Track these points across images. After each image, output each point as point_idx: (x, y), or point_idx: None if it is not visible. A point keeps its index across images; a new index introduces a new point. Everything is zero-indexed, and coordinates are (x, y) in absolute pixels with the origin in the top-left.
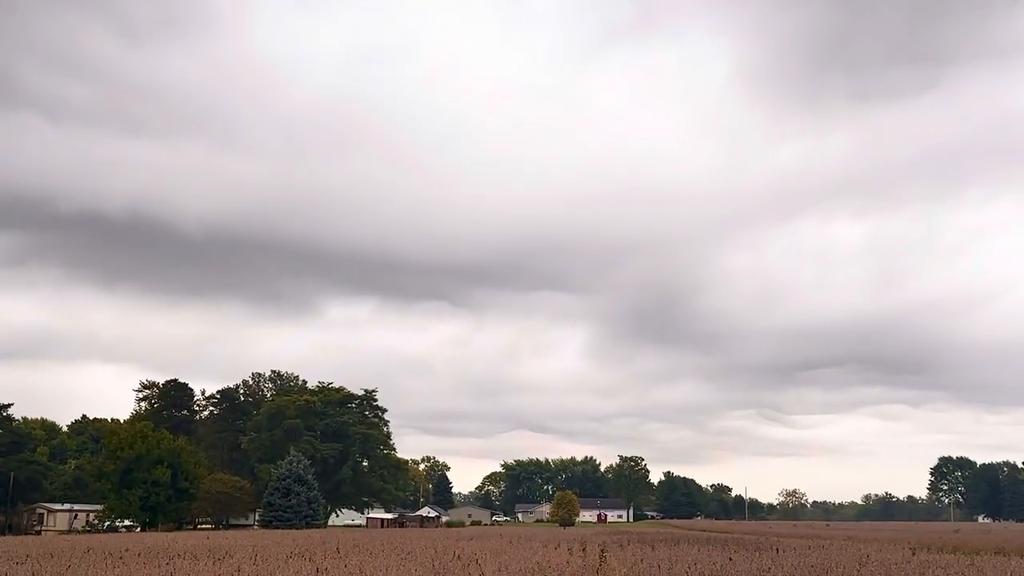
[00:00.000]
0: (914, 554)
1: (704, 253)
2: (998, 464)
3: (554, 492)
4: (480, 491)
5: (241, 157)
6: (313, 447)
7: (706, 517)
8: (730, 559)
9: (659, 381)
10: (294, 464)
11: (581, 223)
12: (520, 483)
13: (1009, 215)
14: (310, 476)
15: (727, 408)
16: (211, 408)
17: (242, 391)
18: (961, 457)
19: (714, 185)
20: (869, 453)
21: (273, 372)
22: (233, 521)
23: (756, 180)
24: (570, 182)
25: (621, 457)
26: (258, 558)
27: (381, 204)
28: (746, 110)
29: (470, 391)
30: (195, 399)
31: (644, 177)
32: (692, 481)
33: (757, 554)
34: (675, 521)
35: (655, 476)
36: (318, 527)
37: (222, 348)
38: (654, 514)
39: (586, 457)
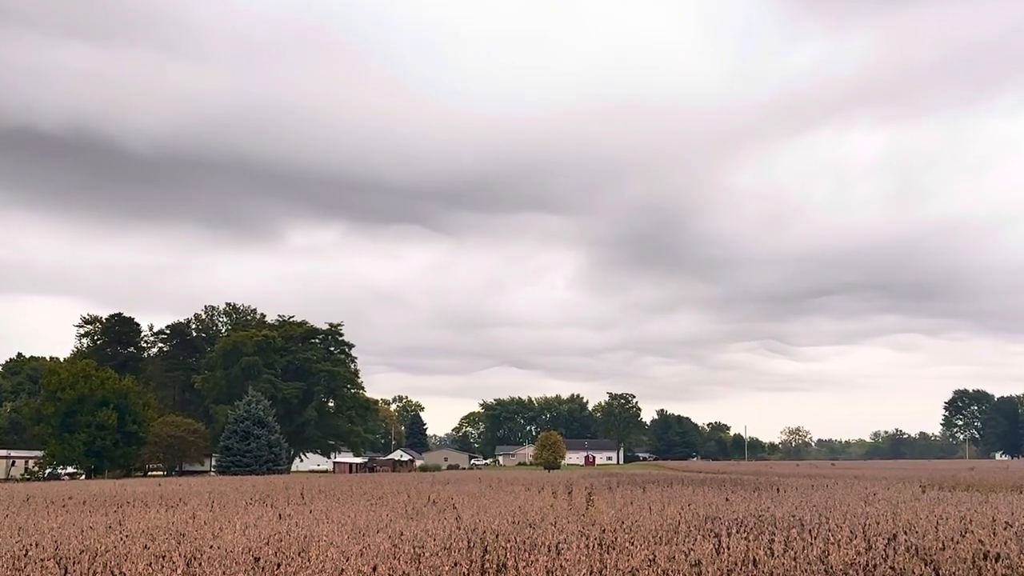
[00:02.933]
0: (924, 492)
1: (707, 170)
2: (1018, 397)
3: (538, 433)
4: (457, 433)
5: (193, 66)
6: (273, 386)
7: (702, 458)
8: (727, 500)
9: (655, 312)
10: (253, 405)
11: (571, 137)
12: (501, 424)
13: None
14: (270, 418)
15: (729, 340)
16: (160, 345)
17: (194, 326)
18: (978, 390)
19: (718, 94)
20: (880, 387)
21: (228, 305)
22: (187, 467)
23: (765, 88)
24: (559, 92)
25: (610, 394)
26: (215, 505)
27: (350, 118)
28: (756, 8)
29: (447, 324)
30: (142, 335)
31: (641, 86)
32: (688, 419)
33: (756, 494)
34: (669, 463)
35: (647, 415)
36: (280, 473)
37: (172, 279)
38: (646, 455)
39: (573, 395)
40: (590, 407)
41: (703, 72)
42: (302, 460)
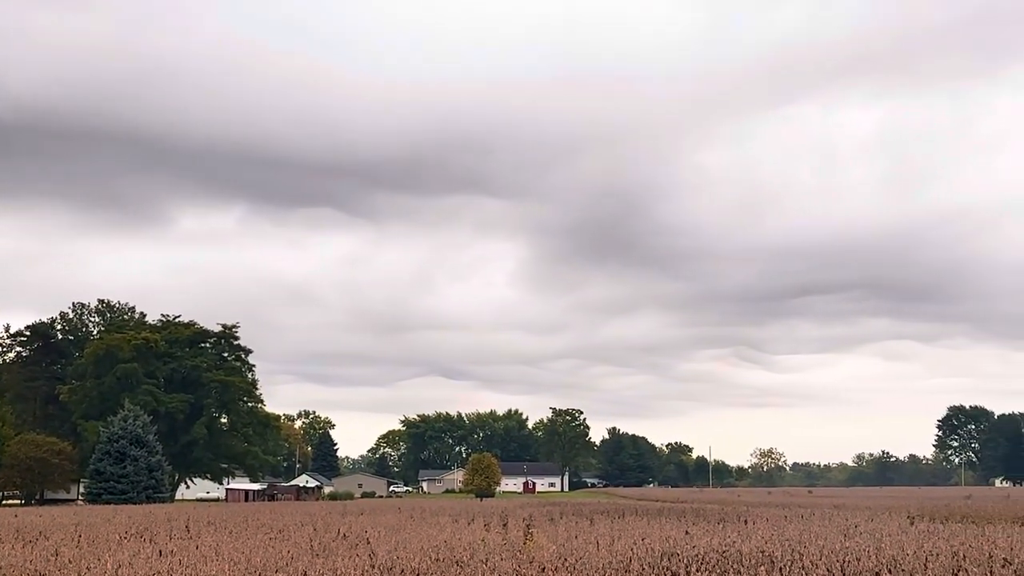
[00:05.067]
0: (912, 524)
1: (673, 147)
2: (1021, 415)
3: (469, 455)
4: (374, 455)
5: (64, 10)
6: (155, 399)
7: (660, 484)
8: (687, 533)
9: (609, 313)
10: (130, 421)
11: (513, 108)
12: (425, 444)
13: None
14: (151, 436)
15: (695, 347)
16: (18, 349)
17: (59, 326)
18: (976, 406)
19: (688, 59)
20: (866, 402)
21: (101, 302)
22: (50, 495)
23: (741, 52)
24: (499, 55)
25: (554, 410)
26: (82, 540)
27: (251, 80)
28: None
29: (364, 326)
30: None
31: (596, 48)
32: (643, 440)
33: (720, 527)
34: (621, 490)
35: (597, 434)
36: (162, 502)
37: (33, 269)
38: (595, 481)
39: (510, 410)
40: (530, 425)
41: (669, 34)
42: (188, 487)
